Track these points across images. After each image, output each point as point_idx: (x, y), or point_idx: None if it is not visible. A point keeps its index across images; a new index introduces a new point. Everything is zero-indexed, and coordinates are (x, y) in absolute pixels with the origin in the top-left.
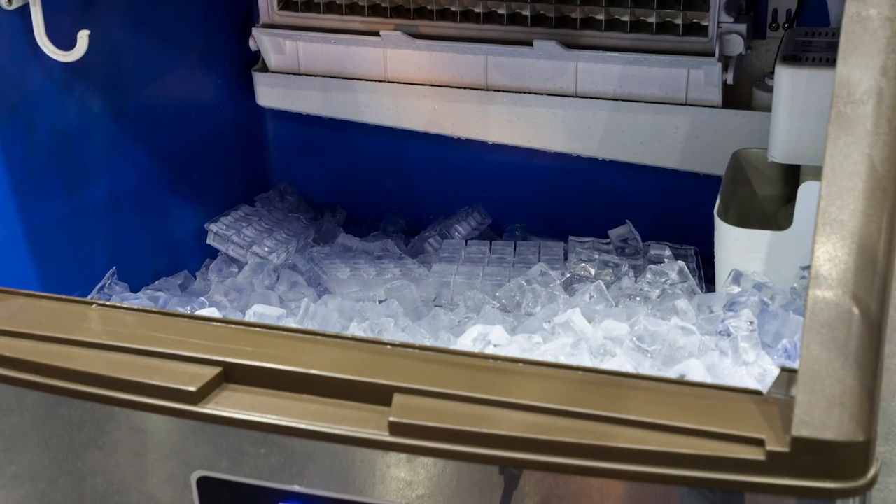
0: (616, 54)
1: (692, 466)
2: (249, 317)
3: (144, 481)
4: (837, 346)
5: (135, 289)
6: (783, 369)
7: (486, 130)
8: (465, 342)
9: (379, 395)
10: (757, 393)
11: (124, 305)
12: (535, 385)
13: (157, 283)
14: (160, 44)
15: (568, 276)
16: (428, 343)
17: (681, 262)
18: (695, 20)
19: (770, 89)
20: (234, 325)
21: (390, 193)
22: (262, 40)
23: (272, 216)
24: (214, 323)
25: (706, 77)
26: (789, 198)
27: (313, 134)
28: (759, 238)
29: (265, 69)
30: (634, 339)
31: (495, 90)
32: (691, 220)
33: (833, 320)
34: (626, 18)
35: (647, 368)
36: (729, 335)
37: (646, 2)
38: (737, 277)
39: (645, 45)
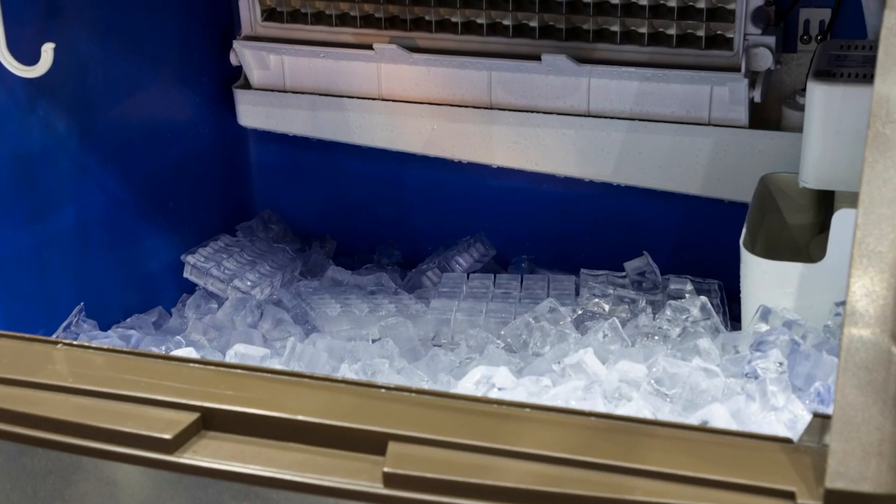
0: (632, 69)
1: None
2: (230, 357)
3: None
4: (875, 390)
5: (104, 326)
6: (815, 415)
7: (490, 153)
8: (467, 385)
9: (372, 444)
10: (787, 441)
11: (93, 345)
12: (544, 432)
13: (128, 320)
14: (132, 58)
15: (580, 312)
16: (426, 386)
17: (703, 298)
18: (719, 32)
19: (801, 108)
20: (213, 367)
21: (385, 222)
22: (244, 54)
23: (255, 247)
24: (192, 364)
25: (731, 94)
26: (822, 227)
27: (300, 157)
28: (790, 271)
29: (247, 86)
30: (652, 381)
31: (500, 109)
32: (715, 252)
33: (870, 361)
34: (643, 30)
35: (666, 414)
36: (756, 377)
37: (665, 12)
38: (765, 314)
39: (664, 60)
